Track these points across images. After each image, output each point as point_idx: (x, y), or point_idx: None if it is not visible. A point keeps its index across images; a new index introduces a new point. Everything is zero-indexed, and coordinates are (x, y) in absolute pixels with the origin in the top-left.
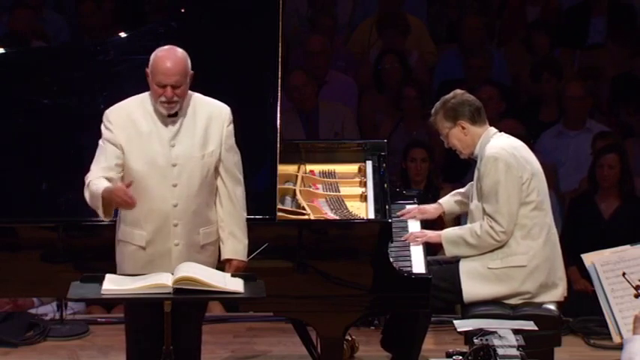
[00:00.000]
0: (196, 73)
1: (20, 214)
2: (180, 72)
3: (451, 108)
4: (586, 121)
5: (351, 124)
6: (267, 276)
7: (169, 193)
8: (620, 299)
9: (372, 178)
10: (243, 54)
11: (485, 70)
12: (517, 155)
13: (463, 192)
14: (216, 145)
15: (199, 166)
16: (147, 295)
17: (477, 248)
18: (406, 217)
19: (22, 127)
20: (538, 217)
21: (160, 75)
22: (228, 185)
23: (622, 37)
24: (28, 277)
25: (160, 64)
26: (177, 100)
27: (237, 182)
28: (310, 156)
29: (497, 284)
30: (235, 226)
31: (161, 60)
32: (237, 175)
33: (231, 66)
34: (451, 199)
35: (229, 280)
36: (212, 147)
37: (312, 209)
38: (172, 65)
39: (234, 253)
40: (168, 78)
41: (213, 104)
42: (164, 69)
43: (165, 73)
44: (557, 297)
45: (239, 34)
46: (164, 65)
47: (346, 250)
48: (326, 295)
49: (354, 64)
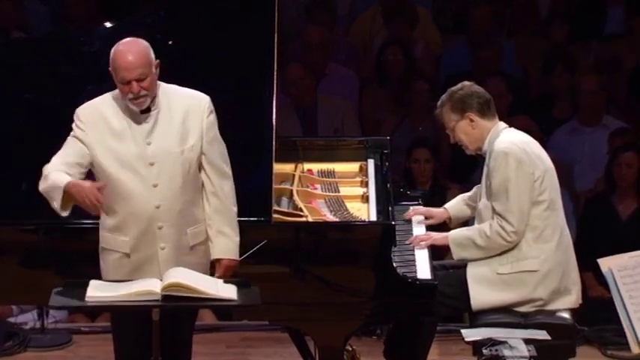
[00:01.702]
0: (186, 66)
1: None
2: (143, 63)
3: (459, 99)
4: (602, 117)
5: (352, 120)
6: (263, 282)
7: (150, 195)
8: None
9: (373, 178)
10: (237, 46)
11: (495, 63)
12: (528, 151)
13: (470, 195)
14: (196, 138)
15: (180, 163)
16: (134, 302)
17: (487, 250)
18: (410, 215)
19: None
20: (550, 217)
21: (122, 71)
22: (214, 180)
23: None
24: (7, 284)
25: (119, 59)
26: (145, 93)
27: (224, 176)
28: (308, 154)
29: (508, 290)
30: (224, 223)
31: (120, 55)
32: (223, 168)
33: (224, 58)
34: (457, 204)
35: (222, 287)
36: (192, 141)
37: (310, 211)
38: (133, 58)
39: (224, 251)
40: (131, 72)
41: (189, 95)
42: (125, 64)
43: (128, 68)
44: (571, 304)
45: (232, 24)
46: (124, 59)
47: (346, 255)
48: (325, 302)
49: (355, 56)
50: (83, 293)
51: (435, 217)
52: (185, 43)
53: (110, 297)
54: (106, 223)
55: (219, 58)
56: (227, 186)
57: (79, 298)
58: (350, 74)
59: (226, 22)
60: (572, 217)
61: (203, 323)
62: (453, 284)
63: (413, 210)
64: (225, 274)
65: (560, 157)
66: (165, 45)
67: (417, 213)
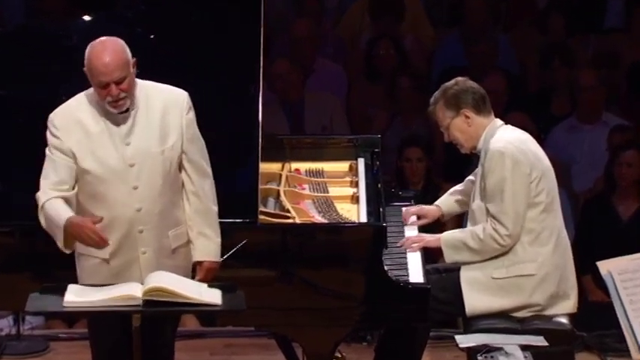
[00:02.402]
0: (168, 62)
1: None
2: (121, 65)
3: (453, 95)
4: (602, 114)
5: (341, 117)
6: (248, 286)
7: (130, 197)
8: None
9: (364, 178)
10: (221, 40)
11: (490, 57)
12: (525, 150)
13: (461, 189)
14: (176, 136)
15: (160, 163)
16: (114, 307)
17: (480, 253)
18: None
19: None
20: (547, 220)
21: (100, 74)
22: (194, 179)
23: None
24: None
25: (95, 61)
26: (124, 95)
27: (204, 175)
28: (295, 153)
29: (503, 296)
30: (204, 224)
31: (96, 57)
32: (203, 166)
33: (207, 54)
34: (449, 199)
35: (205, 291)
36: (172, 140)
37: (297, 212)
38: (110, 59)
39: (205, 253)
40: (109, 75)
41: (167, 91)
42: (102, 66)
43: (105, 72)
44: (569, 309)
45: (217, 18)
46: (101, 62)
47: (336, 257)
48: (313, 307)
49: (344, 51)
50: (61, 298)
51: (429, 215)
52: (167, 38)
53: (89, 302)
54: (90, 217)
55: (202, 53)
56: (207, 185)
57: (57, 303)
58: (338, 69)
59: (210, 16)
60: (570, 218)
61: (186, 329)
62: (447, 289)
63: (405, 211)
64: (206, 277)
65: (558, 156)
66: (146, 40)
67: (409, 214)
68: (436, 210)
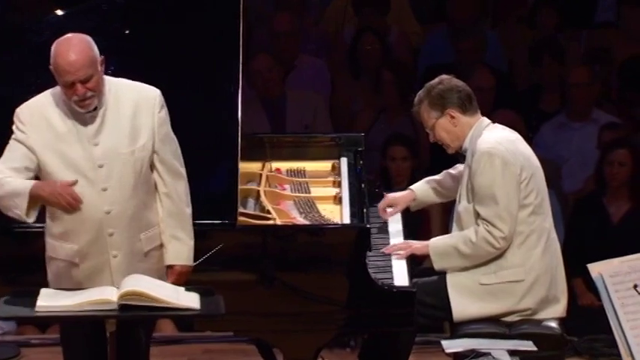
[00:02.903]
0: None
1: None
2: (87, 63)
3: (437, 95)
4: (592, 111)
5: (324, 114)
6: (227, 290)
7: (100, 199)
8: (632, 315)
9: (347, 178)
10: (199, 35)
11: (478, 54)
12: (514, 150)
13: (439, 180)
14: (147, 136)
15: (130, 164)
16: (88, 312)
17: (472, 258)
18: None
19: None
20: (536, 221)
21: (65, 73)
22: (167, 180)
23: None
24: None
25: (61, 60)
26: (91, 94)
27: (177, 176)
28: (276, 152)
29: (492, 301)
30: (177, 226)
31: (62, 55)
32: (176, 167)
33: (185, 49)
34: (424, 186)
35: (183, 295)
36: (143, 139)
37: (278, 213)
38: (76, 57)
39: (177, 257)
40: (75, 74)
41: (138, 89)
42: (67, 65)
43: (70, 70)
44: (558, 313)
45: (194, 12)
46: (66, 60)
47: (318, 260)
48: (294, 311)
49: (327, 46)
50: (33, 303)
51: (400, 202)
52: (143, 33)
53: (62, 307)
54: (52, 229)
55: (180, 48)
56: (181, 187)
57: (29, 307)
58: (321, 65)
59: (188, 10)
60: (559, 219)
61: (162, 335)
62: (433, 292)
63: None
64: (177, 281)
65: (547, 155)
66: (121, 34)
67: (382, 206)
68: (408, 194)
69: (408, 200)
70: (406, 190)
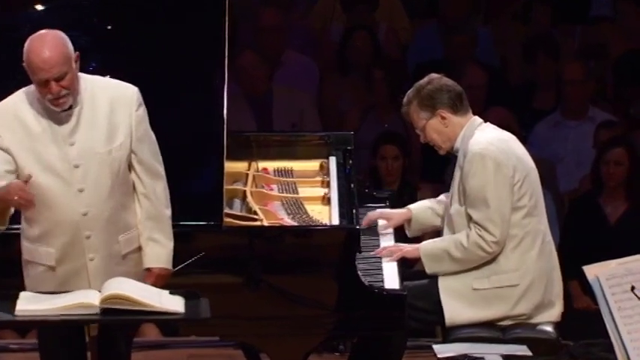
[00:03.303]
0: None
1: None
2: (61, 60)
3: (427, 95)
4: (588, 109)
5: (311, 112)
6: (213, 293)
7: (76, 201)
8: (629, 319)
9: (336, 177)
10: (182, 30)
11: (469, 50)
12: (507, 151)
13: (438, 201)
14: (124, 135)
15: (107, 164)
16: (69, 316)
17: (464, 262)
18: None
19: None
20: (531, 224)
21: (38, 71)
22: (145, 181)
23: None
24: None
25: (34, 57)
26: (66, 93)
27: (156, 176)
28: (263, 151)
29: (485, 307)
30: (155, 228)
31: (35, 52)
32: (155, 167)
33: (168, 45)
34: (422, 207)
35: (167, 298)
36: (120, 138)
37: (265, 214)
38: (50, 54)
39: (154, 260)
40: (49, 72)
41: (115, 86)
42: (41, 62)
43: (44, 68)
44: (554, 317)
45: (178, 7)
46: (40, 57)
47: (306, 262)
48: (282, 315)
49: (314, 42)
50: (12, 306)
51: (393, 217)
52: (125, 28)
53: (43, 310)
54: (28, 232)
55: (163, 44)
56: (159, 187)
57: (8, 311)
58: (308, 62)
59: (172, 5)
60: (555, 220)
61: (146, 339)
62: (424, 296)
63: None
64: (156, 284)
65: (542, 154)
66: (103, 30)
67: (370, 220)
68: (405, 213)
69: (403, 218)
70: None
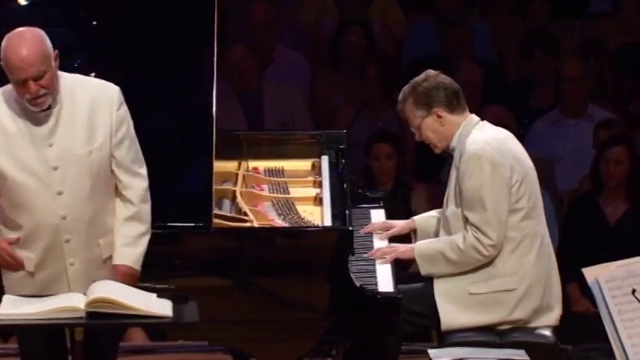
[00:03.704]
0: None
1: None
2: (40, 59)
3: (423, 93)
4: (587, 107)
5: (303, 110)
6: (201, 296)
7: (54, 204)
8: (630, 322)
9: (328, 177)
10: (171, 24)
11: (466, 45)
12: (504, 151)
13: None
14: (104, 135)
15: (87, 165)
16: (54, 320)
17: (459, 265)
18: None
19: None
20: (529, 226)
21: (16, 70)
22: (124, 181)
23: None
24: None
25: (11, 56)
26: (45, 92)
27: (136, 175)
28: (253, 150)
29: (482, 312)
30: (130, 227)
31: (12, 50)
32: (134, 168)
33: (155, 40)
34: (427, 217)
35: (154, 302)
36: (100, 139)
37: (255, 215)
38: (28, 53)
39: (121, 257)
40: (27, 71)
41: (96, 86)
42: (19, 61)
43: (22, 66)
44: (552, 321)
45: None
46: (17, 56)
47: (297, 265)
48: (273, 319)
49: (306, 38)
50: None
51: (397, 225)
52: (111, 23)
53: (27, 314)
54: (7, 237)
55: (150, 39)
56: (139, 189)
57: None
58: (300, 58)
59: None
60: (553, 221)
61: (133, 344)
62: (419, 300)
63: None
64: (121, 282)
65: (540, 153)
66: (89, 26)
67: (374, 229)
68: (408, 223)
69: (408, 227)
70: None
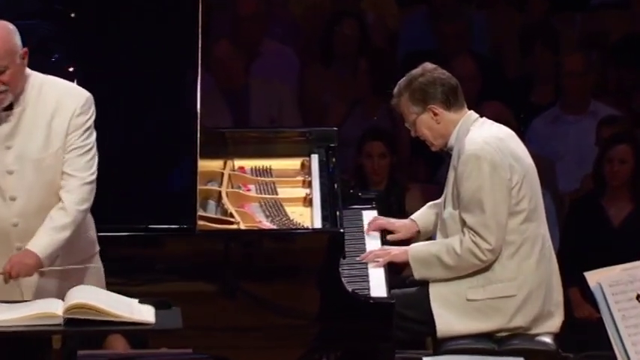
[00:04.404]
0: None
1: None
2: (2, 53)
3: (419, 89)
4: (590, 104)
5: (292, 107)
6: (185, 302)
7: (7, 210)
8: (634, 329)
9: (318, 177)
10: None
11: (462, 39)
12: (504, 150)
13: (439, 203)
14: (60, 142)
15: (41, 172)
16: (31, 327)
17: (455, 270)
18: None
19: None
20: (529, 229)
21: None
22: (67, 184)
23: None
24: None
25: None
26: (4, 89)
27: (81, 180)
28: (240, 148)
29: (480, 319)
30: (54, 219)
31: None
32: (81, 177)
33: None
34: (426, 214)
35: (136, 308)
36: (56, 146)
37: (241, 216)
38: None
39: (32, 243)
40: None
41: (64, 89)
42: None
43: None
44: (553, 328)
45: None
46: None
47: (286, 269)
48: (260, 326)
49: (296, 31)
50: None
51: (401, 231)
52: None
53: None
54: None
55: (131, 33)
56: (81, 202)
57: None
58: (289, 52)
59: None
60: (554, 222)
61: (113, 352)
62: (413, 305)
63: (372, 223)
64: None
65: (541, 152)
66: (66, 19)
67: (376, 226)
68: (411, 225)
69: (411, 232)
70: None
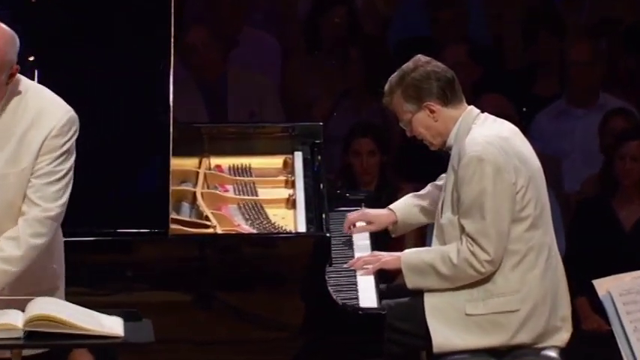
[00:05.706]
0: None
1: None
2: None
3: (412, 85)
4: (598, 96)
5: (273, 100)
6: (157, 313)
7: None
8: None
9: (302, 176)
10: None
11: (459, 26)
12: (509, 151)
13: (423, 194)
14: (30, 160)
15: (5, 189)
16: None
17: (451, 280)
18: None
19: None
20: (535, 237)
21: None
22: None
23: None
24: None
25: None
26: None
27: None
28: (216, 145)
29: (479, 335)
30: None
31: None
32: (41, 204)
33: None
34: (407, 204)
35: (103, 320)
36: (24, 164)
37: (218, 219)
38: None
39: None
40: None
41: (48, 103)
42: None
43: None
44: (560, 341)
45: None
46: None
47: (267, 277)
48: (238, 338)
49: (277, 18)
50: None
51: (375, 221)
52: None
53: None
54: None
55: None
56: (36, 220)
57: None
58: (270, 41)
59: None
60: (560, 225)
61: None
62: (407, 317)
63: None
64: None
65: (545, 149)
66: (26, 3)
67: (349, 222)
68: (388, 215)
69: (387, 222)
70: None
